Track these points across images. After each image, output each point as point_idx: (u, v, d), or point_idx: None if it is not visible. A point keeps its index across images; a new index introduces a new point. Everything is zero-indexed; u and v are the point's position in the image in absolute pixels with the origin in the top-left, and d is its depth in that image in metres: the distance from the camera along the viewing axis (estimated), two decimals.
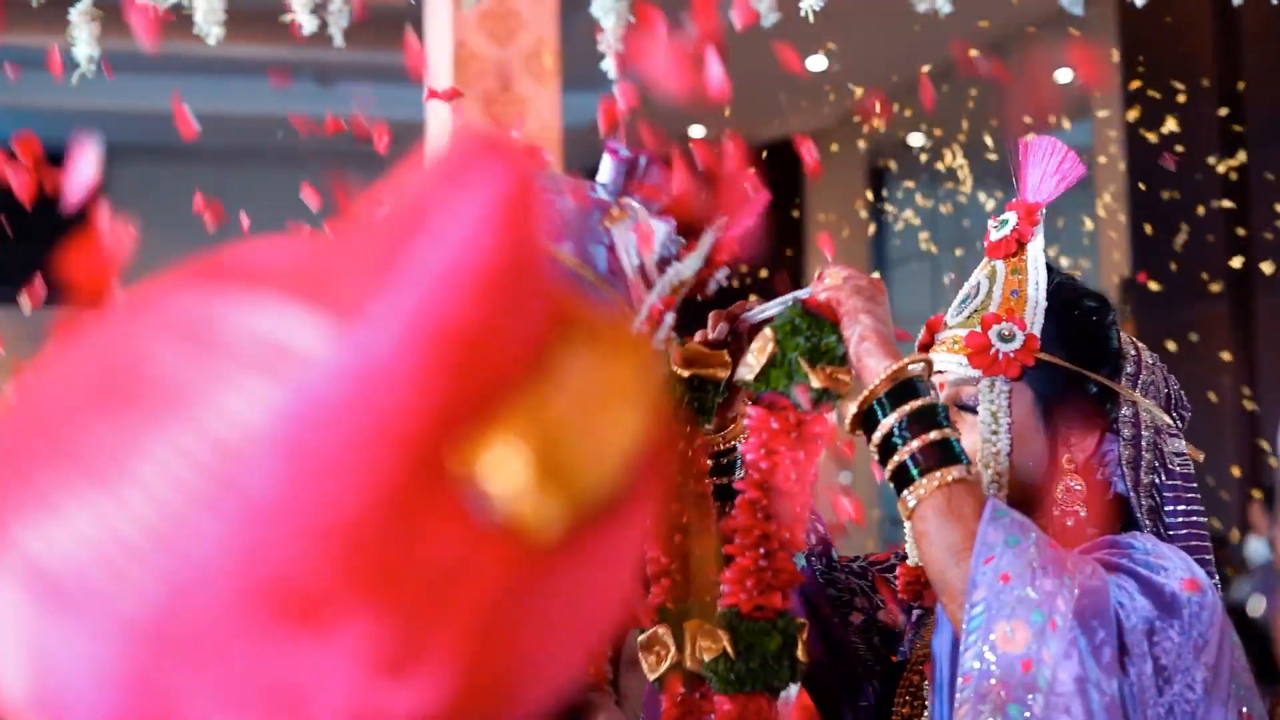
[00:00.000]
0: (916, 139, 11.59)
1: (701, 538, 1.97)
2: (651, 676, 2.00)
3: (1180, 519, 1.93)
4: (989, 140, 9.74)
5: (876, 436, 1.76)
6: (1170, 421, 1.98)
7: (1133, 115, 8.62)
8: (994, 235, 2.03)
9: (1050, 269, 2.01)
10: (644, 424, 0.76)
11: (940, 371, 2.00)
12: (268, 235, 0.78)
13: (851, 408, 1.78)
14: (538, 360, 0.72)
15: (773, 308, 1.92)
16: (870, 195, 12.06)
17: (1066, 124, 10.27)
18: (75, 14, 4.10)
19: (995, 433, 1.92)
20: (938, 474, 1.72)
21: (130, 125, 11.40)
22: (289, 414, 0.67)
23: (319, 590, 0.66)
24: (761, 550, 1.81)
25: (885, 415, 1.75)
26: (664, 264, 1.84)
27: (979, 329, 1.96)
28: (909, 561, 2.02)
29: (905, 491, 1.74)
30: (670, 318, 1.85)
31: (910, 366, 1.77)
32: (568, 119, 5.98)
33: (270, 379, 0.68)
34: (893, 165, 12.18)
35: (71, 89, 10.33)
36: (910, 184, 12.01)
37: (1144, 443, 1.94)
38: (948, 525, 1.71)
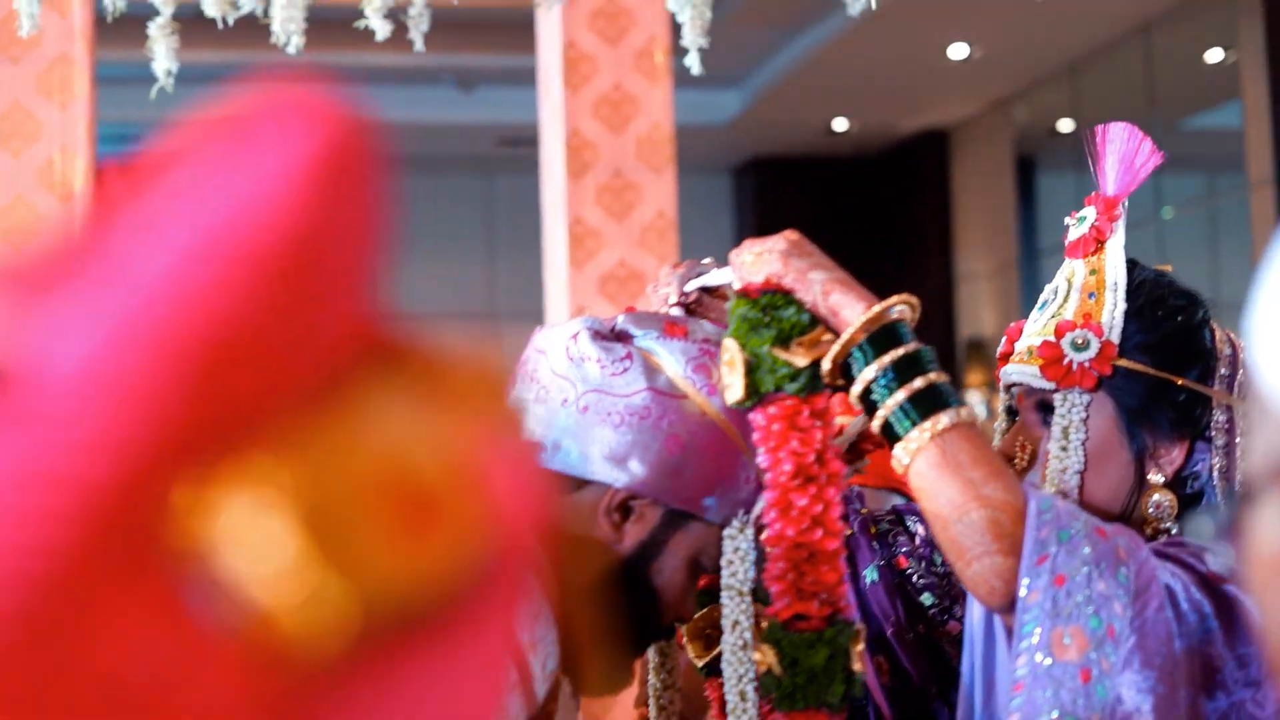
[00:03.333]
0: (1066, 125, 11.42)
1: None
2: (700, 663, 1.95)
3: None
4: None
5: (857, 388, 1.65)
6: None
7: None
8: (1072, 233, 1.90)
9: (1133, 265, 1.88)
10: (498, 500, 0.50)
11: (1017, 384, 1.89)
12: None
13: (826, 362, 1.65)
14: (330, 388, 0.49)
15: (711, 278, 1.85)
16: (1019, 183, 11.92)
17: (1215, 106, 10.07)
18: (153, 28, 4.13)
19: (1065, 449, 1.80)
20: (927, 424, 1.61)
21: None
22: None
23: None
24: (794, 557, 1.71)
25: (865, 365, 1.63)
26: None
27: (1054, 337, 1.84)
28: None
29: (896, 448, 1.63)
30: None
31: (891, 310, 1.65)
32: (681, 118, 5.94)
33: None
34: (1042, 153, 12.04)
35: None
36: (1060, 172, 11.86)
37: (1240, 451, 1.81)
38: (944, 478, 1.60)
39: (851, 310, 1.64)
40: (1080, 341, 1.82)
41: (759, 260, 1.70)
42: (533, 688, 1.49)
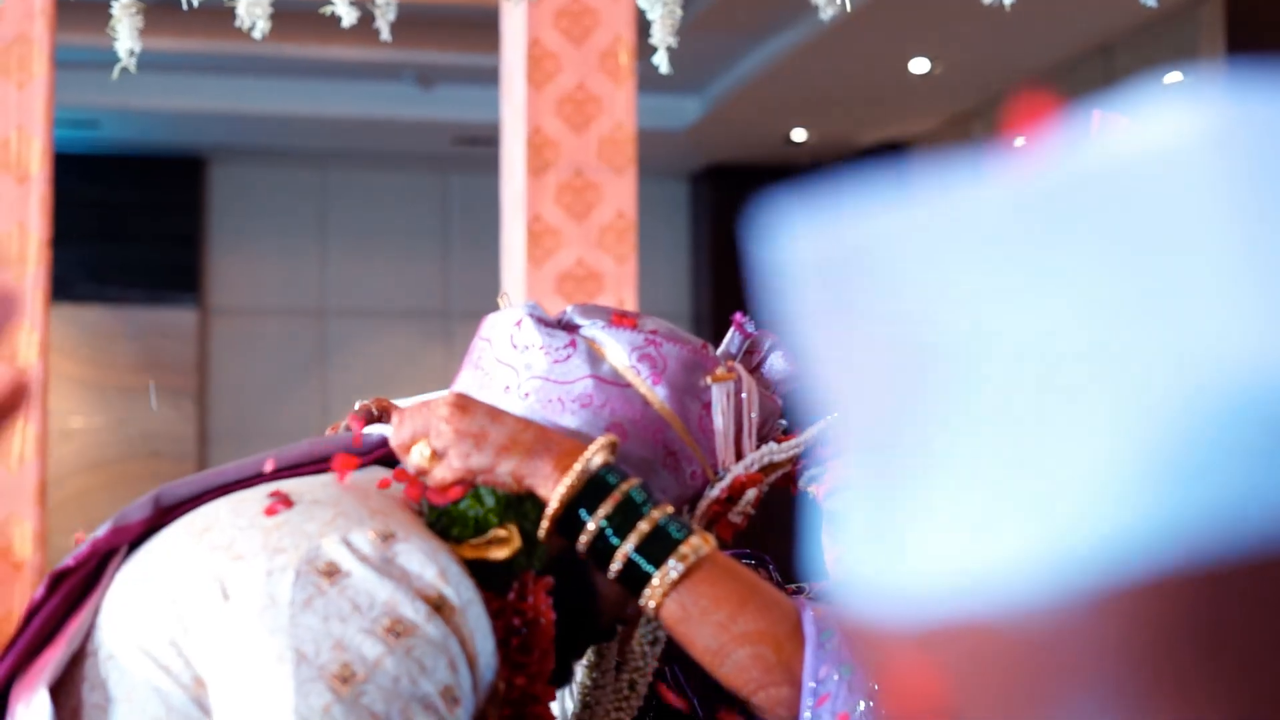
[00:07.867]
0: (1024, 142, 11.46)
1: None
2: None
3: None
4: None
5: (583, 543, 1.60)
6: None
7: None
8: None
9: None
10: None
11: None
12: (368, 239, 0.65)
13: (544, 522, 1.61)
14: None
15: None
16: None
17: None
18: (117, 8, 4.08)
19: None
20: (657, 581, 1.57)
21: (230, 127, 11.47)
22: None
23: None
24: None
25: (588, 518, 1.60)
26: (762, 440, 1.77)
27: None
28: None
29: (639, 600, 1.60)
30: (751, 494, 1.77)
31: (590, 463, 1.60)
32: (641, 122, 5.88)
33: None
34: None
35: (174, 91, 10.41)
36: None
37: None
38: (692, 629, 1.58)
39: (544, 486, 1.60)
40: None
41: (441, 471, 1.62)
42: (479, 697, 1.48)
